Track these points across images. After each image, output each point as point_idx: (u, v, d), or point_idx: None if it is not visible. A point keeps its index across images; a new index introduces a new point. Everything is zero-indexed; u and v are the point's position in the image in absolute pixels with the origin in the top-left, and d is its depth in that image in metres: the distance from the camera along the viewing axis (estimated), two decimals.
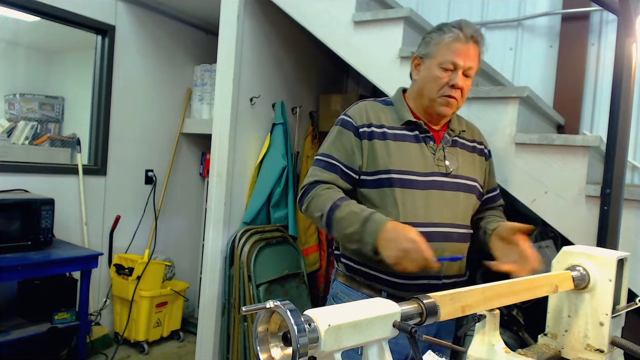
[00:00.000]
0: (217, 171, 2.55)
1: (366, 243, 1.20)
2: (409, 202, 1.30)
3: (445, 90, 1.33)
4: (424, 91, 1.37)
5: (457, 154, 1.40)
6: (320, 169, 1.37)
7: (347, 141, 1.36)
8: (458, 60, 1.32)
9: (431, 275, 1.31)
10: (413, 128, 1.37)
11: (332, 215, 1.26)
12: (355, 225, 1.22)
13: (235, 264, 2.52)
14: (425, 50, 1.38)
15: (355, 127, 1.36)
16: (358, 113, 1.39)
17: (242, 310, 0.61)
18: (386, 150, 1.33)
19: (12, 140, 3.23)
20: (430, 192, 1.32)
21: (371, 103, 1.43)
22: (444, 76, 1.33)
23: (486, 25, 2.69)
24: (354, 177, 1.36)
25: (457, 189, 1.37)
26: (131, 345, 3.22)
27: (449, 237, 1.32)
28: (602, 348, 0.97)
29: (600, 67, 2.36)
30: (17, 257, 2.35)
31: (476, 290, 0.79)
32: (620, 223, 1.49)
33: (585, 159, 1.55)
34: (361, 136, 1.35)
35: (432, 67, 1.35)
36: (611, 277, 0.97)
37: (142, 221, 3.41)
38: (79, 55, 3.67)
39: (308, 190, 1.36)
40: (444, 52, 1.33)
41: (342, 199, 1.28)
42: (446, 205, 1.34)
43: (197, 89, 3.55)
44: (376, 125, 1.36)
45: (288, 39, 2.81)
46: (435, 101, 1.35)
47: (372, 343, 0.65)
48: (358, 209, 1.25)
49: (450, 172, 1.36)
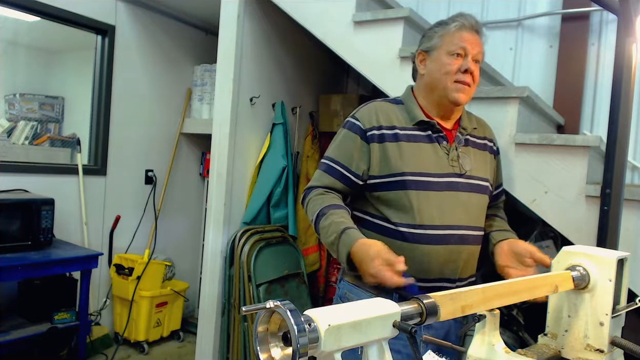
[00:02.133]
0: (217, 171, 2.55)
1: (341, 254, 1.20)
2: (424, 204, 1.27)
3: (458, 76, 1.31)
4: (435, 82, 1.34)
5: (470, 153, 1.38)
6: (321, 172, 1.37)
7: (352, 145, 1.34)
8: (467, 45, 1.31)
9: (445, 278, 1.30)
10: (426, 128, 1.35)
11: (318, 222, 1.27)
12: (333, 235, 1.21)
13: (235, 264, 2.52)
14: (429, 43, 1.37)
15: (363, 131, 1.34)
16: (367, 115, 1.36)
17: (242, 310, 0.61)
18: (399, 152, 1.30)
19: (12, 140, 3.23)
20: (446, 194, 1.30)
21: (380, 103, 1.40)
22: (455, 62, 1.31)
23: (486, 25, 2.68)
24: (355, 181, 1.34)
25: (471, 190, 1.35)
26: (131, 345, 3.22)
27: (464, 240, 1.31)
28: (602, 348, 0.97)
29: (600, 67, 2.36)
30: (17, 257, 2.35)
31: (476, 290, 0.79)
32: (620, 223, 1.48)
33: (585, 159, 1.55)
34: (369, 140, 1.33)
35: (441, 56, 1.33)
36: (611, 277, 0.97)
37: (142, 221, 3.42)
38: (79, 55, 3.66)
39: (306, 194, 1.36)
40: (452, 40, 1.32)
41: (330, 207, 1.27)
42: (461, 207, 1.32)
43: (197, 89, 3.55)
44: (387, 126, 1.33)
45: (288, 39, 2.81)
46: (448, 89, 1.32)
47: (372, 343, 0.65)
48: (339, 219, 1.24)
49: (464, 173, 1.34)
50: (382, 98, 1.45)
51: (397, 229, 1.28)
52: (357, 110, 1.40)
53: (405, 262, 1.22)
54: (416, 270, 1.25)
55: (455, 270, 1.31)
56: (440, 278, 1.29)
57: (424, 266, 1.28)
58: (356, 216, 1.37)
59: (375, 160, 1.31)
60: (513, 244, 1.33)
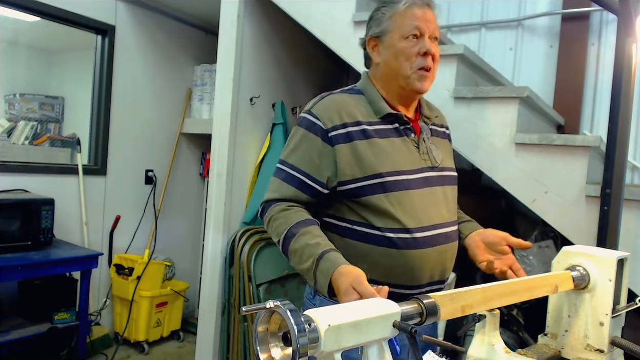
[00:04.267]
0: (217, 171, 2.55)
1: (320, 285, 1.04)
2: (407, 206, 1.16)
3: (418, 62, 1.19)
4: (394, 71, 1.22)
5: (436, 143, 1.29)
6: (280, 181, 1.21)
7: (312, 148, 1.19)
8: (422, 24, 1.19)
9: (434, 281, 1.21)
10: (392, 120, 1.23)
11: (287, 244, 1.12)
12: (309, 261, 1.06)
13: (235, 264, 2.52)
14: (379, 28, 1.23)
15: (324, 131, 1.18)
16: (326, 112, 1.20)
17: (242, 310, 0.61)
18: (371, 151, 1.17)
19: (12, 140, 3.23)
20: (424, 191, 1.20)
21: (339, 96, 1.25)
22: (411, 46, 1.19)
23: (486, 25, 2.69)
24: (319, 190, 1.18)
25: (445, 182, 1.26)
26: (131, 345, 3.22)
27: (449, 238, 1.23)
28: (602, 348, 0.97)
29: (600, 67, 2.36)
30: (17, 257, 2.35)
31: (476, 290, 0.79)
32: (620, 223, 1.49)
33: (585, 159, 1.55)
34: (333, 141, 1.17)
35: (395, 40, 1.20)
36: (611, 277, 0.97)
37: (142, 221, 3.41)
38: (79, 55, 3.66)
39: (266, 209, 1.21)
40: (404, 21, 1.19)
41: (298, 225, 1.12)
42: (440, 202, 1.23)
43: (197, 89, 3.55)
44: (351, 123, 1.19)
45: (288, 39, 2.81)
46: (410, 78, 1.20)
47: (372, 343, 0.65)
48: (313, 240, 1.09)
49: (437, 166, 1.24)
50: (339, 89, 1.30)
51: (384, 234, 1.15)
52: (313, 106, 1.24)
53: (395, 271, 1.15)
54: (407, 278, 1.16)
55: (443, 272, 1.23)
56: (430, 282, 1.19)
57: (415, 273, 1.17)
58: (332, 224, 1.23)
59: (345, 163, 1.16)
60: (483, 235, 1.26)
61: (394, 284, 1.13)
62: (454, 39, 2.71)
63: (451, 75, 1.77)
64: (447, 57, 1.78)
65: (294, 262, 1.13)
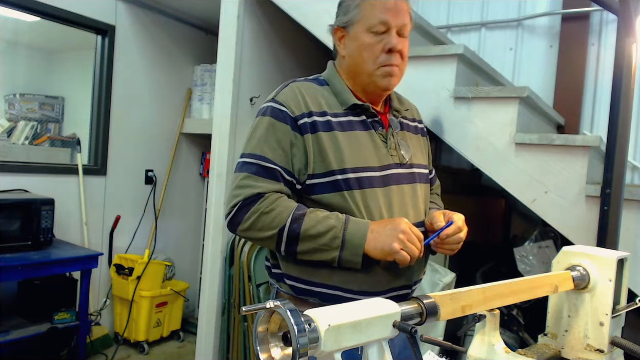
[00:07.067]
0: (217, 171, 2.55)
1: (353, 247, 1.02)
2: (372, 204, 1.09)
3: (382, 58, 1.12)
4: (358, 67, 1.15)
5: (406, 138, 1.22)
6: (253, 176, 1.08)
7: (283, 137, 1.09)
8: (389, 17, 1.11)
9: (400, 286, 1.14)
10: (359, 112, 1.16)
11: (296, 228, 1.03)
12: (332, 231, 1.02)
13: (235, 264, 2.52)
14: (346, 17, 1.15)
15: (293, 119, 1.09)
16: (293, 99, 1.12)
17: (242, 310, 0.61)
18: (335, 144, 1.09)
19: (12, 140, 3.22)
20: (390, 189, 1.13)
21: (304, 84, 1.17)
22: (377, 41, 1.11)
23: (486, 25, 2.69)
24: (294, 184, 1.10)
25: (414, 180, 1.19)
26: (131, 345, 3.22)
27: None
28: (602, 348, 0.97)
29: (600, 67, 2.36)
30: (17, 257, 2.35)
31: (476, 290, 0.79)
32: (620, 223, 1.49)
33: (585, 159, 1.55)
34: (302, 130, 1.09)
35: (360, 34, 1.13)
36: (611, 277, 0.97)
37: (142, 221, 3.41)
38: (79, 55, 3.66)
39: (245, 207, 1.07)
40: (370, 12, 1.11)
41: (300, 207, 1.06)
42: (408, 201, 1.16)
43: (197, 89, 3.55)
44: (317, 112, 1.11)
45: (288, 39, 2.81)
46: (374, 75, 1.13)
47: (372, 343, 0.65)
48: (325, 213, 1.05)
49: (405, 163, 1.18)
50: (303, 78, 1.23)
51: None
52: (278, 93, 1.16)
53: (356, 276, 1.07)
54: (371, 283, 1.09)
55: (410, 276, 1.15)
56: (394, 287, 1.12)
57: (379, 277, 1.10)
58: None
59: (311, 156, 1.08)
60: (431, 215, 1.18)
61: (356, 290, 1.08)
62: (454, 39, 2.71)
63: (451, 75, 1.77)
64: (447, 57, 1.78)
65: (306, 243, 1.04)
